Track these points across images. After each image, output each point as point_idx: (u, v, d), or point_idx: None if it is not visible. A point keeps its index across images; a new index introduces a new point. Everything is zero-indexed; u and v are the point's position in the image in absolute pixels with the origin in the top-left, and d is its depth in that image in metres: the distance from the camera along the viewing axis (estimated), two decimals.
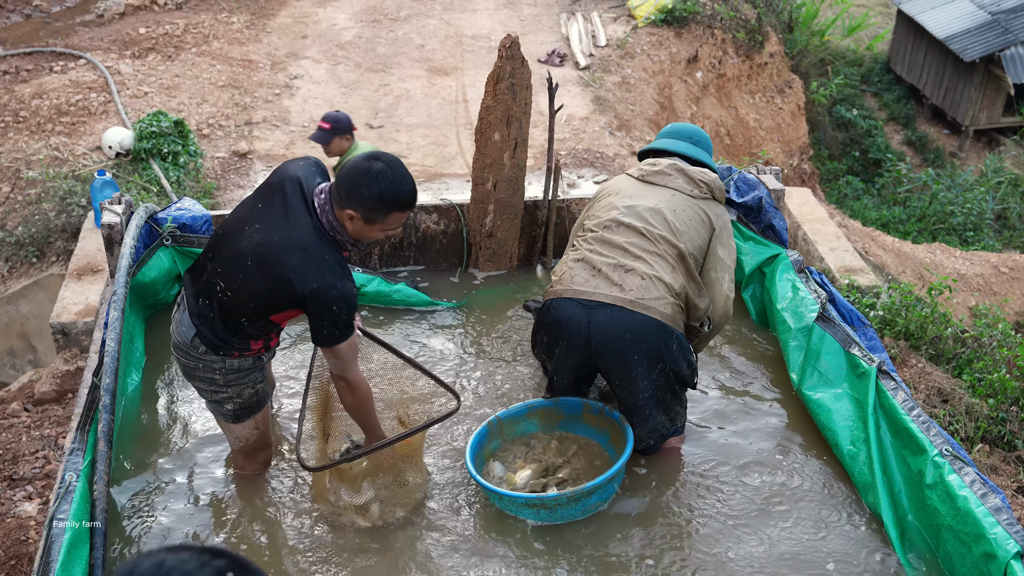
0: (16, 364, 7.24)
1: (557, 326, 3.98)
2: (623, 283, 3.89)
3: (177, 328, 3.61)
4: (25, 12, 11.65)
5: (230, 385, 3.67)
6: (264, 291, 3.37)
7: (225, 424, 3.87)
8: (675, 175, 4.18)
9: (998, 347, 5.36)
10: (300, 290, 3.29)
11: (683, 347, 3.96)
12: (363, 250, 5.65)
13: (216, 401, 3.74)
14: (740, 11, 11.87)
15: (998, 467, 4.72)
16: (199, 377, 3.66)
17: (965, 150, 16.57)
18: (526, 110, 5.44)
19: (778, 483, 4.09)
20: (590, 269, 3.98)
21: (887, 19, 19.27)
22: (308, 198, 3.44)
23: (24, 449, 4.61)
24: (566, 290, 3.97)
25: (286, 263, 3.31)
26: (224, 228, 3.54)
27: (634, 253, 3.95)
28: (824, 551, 3.74)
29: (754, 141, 11.66)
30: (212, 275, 3.47)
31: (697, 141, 4.41)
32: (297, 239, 3.34)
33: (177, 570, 1.50)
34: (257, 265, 3.35)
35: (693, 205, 4.10)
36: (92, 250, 5.65)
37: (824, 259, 5.76)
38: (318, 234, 3.37)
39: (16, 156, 7.84)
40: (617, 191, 4.25)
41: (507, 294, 5.50)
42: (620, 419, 4.06)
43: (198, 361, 3.60)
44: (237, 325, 3.50)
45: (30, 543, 4.02)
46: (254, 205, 3.50)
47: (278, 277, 3.33)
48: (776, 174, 5.53)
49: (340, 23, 11.34)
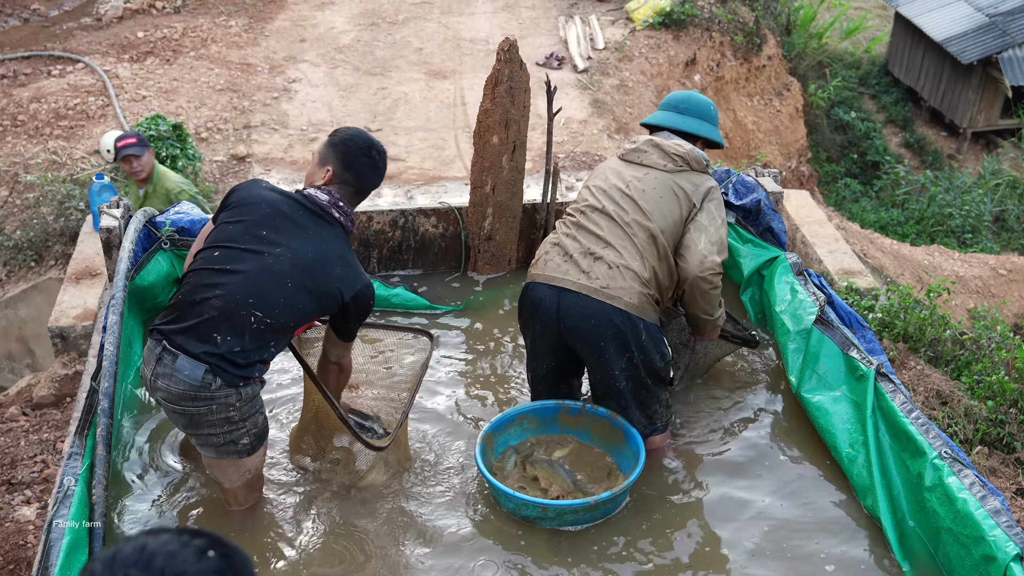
0: (15, 368, 7.24)
1: (531, 308, 4.06)
2: (591, 271, 3.92)
3: (173, 377, 3.34)
4: (23, 16, 11.65)
5: (246, 418, 3.51)
6: (310, 307, 3.44)
7: (234, 463, 3.63)
8: (650, 151, 4.15)
9: (997, 349, 5.36)
10: (347, 298, 3.45)
11: (654, 338, 3.95)
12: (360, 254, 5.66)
13: (231, 441, 3.52)
14: (738, 14, 11.88)
15: (997, 469, 4.72)
16: (211, 422, 3.44)
17: (963, 152, 16.58)
18: (524, 113, 5.44)
19: (776, 486, 4.09)
20: (563, 254, 4.03)
21: (885, 22, 19.30)
22: (309, 206, 3.48)
23: (23, 453, 4.60)
24: (540, 274, 4.05)
25: (331, 275, 3.44)
26: (218, 263, 3.39)
27: (605, 239, 3.98)
28: (823, 554, 3.73)
29: (752, 144, 11.66)
30: (234, 307, 3.32)
31: (685, 109, 4.32)
32: (334, 250, 3.47)
33: (160, 552, 1.52)
34: (298, 285, 3.39)
35: (666, 180, 4.04)
36: (90, 254, 5.65)
37: (823, 261, 5.76)
38: (343, 239, 3.51)
39: (14, 160, 7.84)
40: (598, 174, 4.29)
41: (505, 297, 5.50)
42: (609, 415, 4.10)
43: (211, 403, 3.38)
44: (267, 348, 3.44)
45: (29, 547, 4.01)
46: (256, 231, 3.42)
47: (325, 292, 3.43)
48: (774, 176, 5.54)
49: (338, 26, 11.35)
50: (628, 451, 4.03)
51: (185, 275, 3.51)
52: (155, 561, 1.51)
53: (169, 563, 1.51)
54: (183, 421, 3.48)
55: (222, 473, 3.69)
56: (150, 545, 1.53)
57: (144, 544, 1.53)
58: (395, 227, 5.67)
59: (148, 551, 1.52)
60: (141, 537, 1.55)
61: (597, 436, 4.19)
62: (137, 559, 1.51)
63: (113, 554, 1.52)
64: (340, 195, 3.54)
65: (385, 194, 7.45)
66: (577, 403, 4.20)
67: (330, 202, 3.50)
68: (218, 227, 3.50)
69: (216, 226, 3.52)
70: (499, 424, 4.10)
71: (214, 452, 3.57)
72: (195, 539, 1.55)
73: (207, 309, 3.34)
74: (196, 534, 1.57)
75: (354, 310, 3.52)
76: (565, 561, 3.70)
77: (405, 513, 3.93)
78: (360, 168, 3.56)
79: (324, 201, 3.50)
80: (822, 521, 3.90)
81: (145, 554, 1.51)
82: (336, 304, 3.47)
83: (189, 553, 1.53)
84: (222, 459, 3.60)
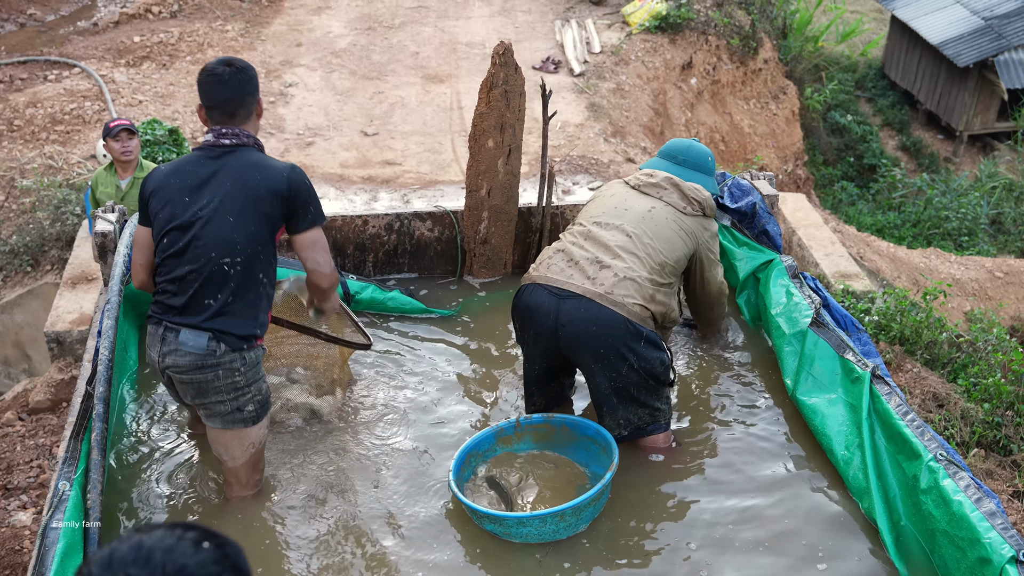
0: (11, 373, 7.23)
1: (527, 312, 4.07)
2: (596, 277, 3.97)
3: (179, 351, 3.56)
4: (20, 21, 11.65)
5: (251, 384, 3.69)
6: (261, 222, 3.55)
7: (239, 434, 3.76)
8: (670, 189, 4.31)
9: (993, 352, 5.37)
10: (282, 184, 3.55)
11: (654, 345, 4.00)
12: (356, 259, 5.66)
13: (238, 408, 3.69)
14: (734, 18, 11.90)
15: (993, 471, 4.72)
16: (219, 388, 3.63)
17: (959, 155, 16.60)
18: (520, 117, 5.44)
19: (772, 488, 4.09)
20: (568, 260, 4.06)
21: (881, 25, 19.32)
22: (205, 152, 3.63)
23: (19, 458, 4.60)
24: (540, 277, 4.07)
25: (254, 184, 3.54)
26: (174, 246, 3.56)
27: (615, 251, 4.04)
28: (819, 556, 3.73)
29: (749, 147, 11.67)
30: (208, 267, 3.51)
31: (684, 160, 4.50)
32: (242, 166, 3.58)
33: (157, 548, 1.50)
34: (239, 213, 3.53)
35: (681, 221, 4.25)
36: (86, 259, 5.64)
37: (819, 264, 5.77)
38: (248, 152, 3.63)
39: (10, 165, 7.83)
40: (611, 194, 4.39)
41: (501, 301, 5.50)
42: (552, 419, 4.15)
43: (217, 369, 3.58)
44: (256, 287, 3.61)
45: (24, 552, 4.01)
46: (181, 201, 3.57)
47: (261, 199, 3.54)
48: (770, 180, 5.54)
49: (335, 31, 11.35)
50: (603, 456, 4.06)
51: (156, 271, 3.67)
52: (154, 557, 1.49)
53: (168, 558, 1.49)
54: (192, 391, 3.66)
55: (227, 449, 3.81)
56: (146, 542, 1.51)
57: (140, 542, 1.51)
58: (391, 231, 5.67)
59: (145, 548, 1.50)
60: (134, 535, 1.53)
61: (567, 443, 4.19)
62: (135, 557, 1.49)
63: (109, 554, 1.51)
64: (218, 124, 3.64)
65: (381, 198, 7.45)
66: (511, 420, 4.15)
67: (215, 135, 3.62)
68: (154, 221, 3.63)
69: (153, 222, 3.65)
70: (456, 468, 3.93)
71: (220, 422, 3.72)
72: (188, 532, 1.54)
73: (188, 285, 3.53)
74: (188, 527, 1.55)
75: (294, 198, 3.59)
76: (559, 561, 3.70)
77: (390, 518, 3.93)
78: (208, 91, 3.62)
79: (211, 139, 3.63)
80: (818, 523, 3.90)
81: (143, 552, 1.50)
82: (278, 202, 3.56)
83: (186, 546, 1.51)
84: (228, 430, 3.74)
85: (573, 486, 4.05)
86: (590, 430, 4.11)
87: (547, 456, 4.20)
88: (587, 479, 4.07)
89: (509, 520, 3.71)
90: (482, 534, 3.82)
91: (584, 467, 4.13)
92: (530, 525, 3.69)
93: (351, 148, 8.34)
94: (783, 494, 4.06)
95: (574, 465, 4.15)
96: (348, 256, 5.67)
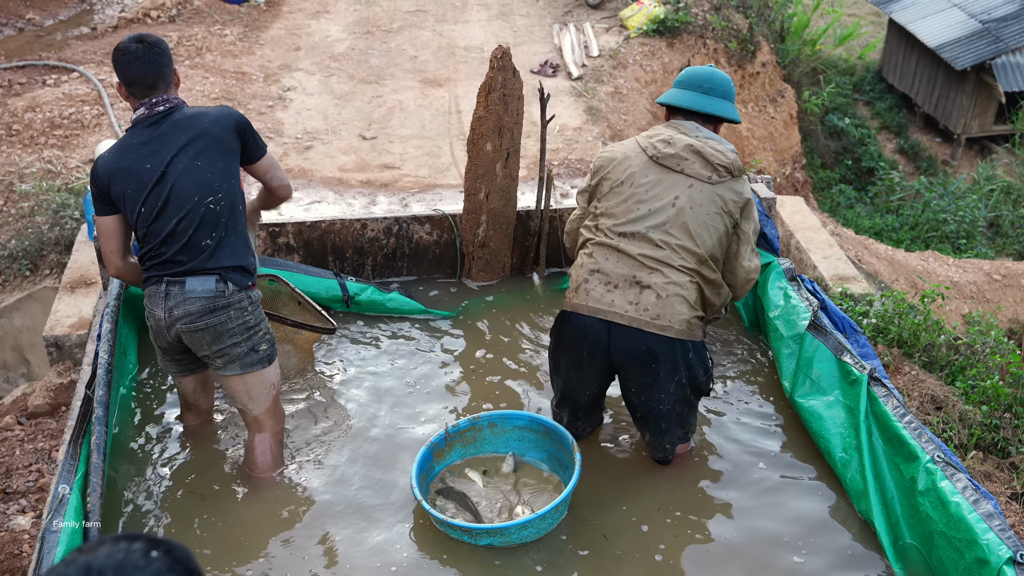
0: (10, 377, 7.22)
1: (578, 336, 3.93)
2: (639, 301, 3.82)
3: (188, 300, 3.71)
4: (18, 26, 11.66)
5: (260, 321, 3.89)
6: (225, 158, 3.75)
7: (260, 376, 3.93)
8: (691, 159, 3.89)
9: (991, 354, 5.37)
10: (229, 118, 3.78)
11: (699, 355, 3.95)
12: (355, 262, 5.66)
13: (252, 348, 3.86)
14: (732, 21, 11.91)
15: (992, 474, 4.72)
16: (233, 330, 3.79)
17: (957, 158, 16.62)
18: (518, 120, 5.45)
19: (770, 490, 4.10)
20: (605, 282, 3.89)
21: (879, 28, 19.35)
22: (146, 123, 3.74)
23: (18, 463, 4.60)
24: (583, 304, 3.91)
25: (206, 127, 3.73)
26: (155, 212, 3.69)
27: (650, 265, 3.84)
28: (816, 559, 3.74)
29: (747, 150, 11.68)
30: (195, 211, 3.68)
31: (710, 89, 4.06)
32: (188, 115, 3.76)
33: (108, 567, 1.46)
34: (204, 155, 3.71)
35: (711, 195, 3.88)
36: (85, 263, 5.64)
37: (817, 267, 5.78)
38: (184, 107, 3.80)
39: (9, 169, 7.83)
40: (629, 177, 3.95)
41: (500, 304, 5.51)
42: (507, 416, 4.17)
43: (228, 309, 3.75)
44: (241, 219, 3.82)
45: (24, 556, 4.01)
46: (142, 168, 3.69)
47: (219, 139, 3.73)
48: (768, 183, 5.55)
49: (333, 35, 11.36)
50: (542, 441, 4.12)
51: (143, 243, 3.78)
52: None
53: (121, 574, 1.45)
54: (208, 337, 3.78)
55: (250, 396, 3.96)
56: (94, 563, 1.46)
57: (87, 564, 1.46)
58: (389, 234, 5.68)
59: (95, 570, 1.45)
60: (79, 557, 1.47)
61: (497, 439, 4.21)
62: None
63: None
64: (142, 98, 3.75)
65: (380, 201, 7.46)
66: (440, 433, 4.08)
67: (147, 107, 3.73)
68: (125, 201, 3.72)
69: (123, 203, 3.73)
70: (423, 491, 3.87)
71: (240, 367, 3.86)
72: (133, 543, 1.50)
73: (181, 235, 3.69)
74: (131, 538, 1.51)
75: (245, 129, 3.84)
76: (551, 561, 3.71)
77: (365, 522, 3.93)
78: (125, 68, 3.71)
79: (143, 112, 3.74)
80: (816, 525, 3.90)
81: (93, 573, 1.45)
82: (234, 136, 3.79)
83: (136, 558, 1.47)
84: (248, 374, 3.89)
85: None
86: (521, 420, 4.14)
87: (482, 459, 4.19)
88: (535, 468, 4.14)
89: (510, 528, 3.69)
90: None
91: (521, 456, 4.17)
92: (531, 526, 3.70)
93: (349, 152, 8.35)
94: (780, 496, 4.07)
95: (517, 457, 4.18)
96: (347, 259, 5.67)
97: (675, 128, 4.04)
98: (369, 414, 4.58)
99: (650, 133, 4.04)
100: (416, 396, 4.72)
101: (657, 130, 4.05)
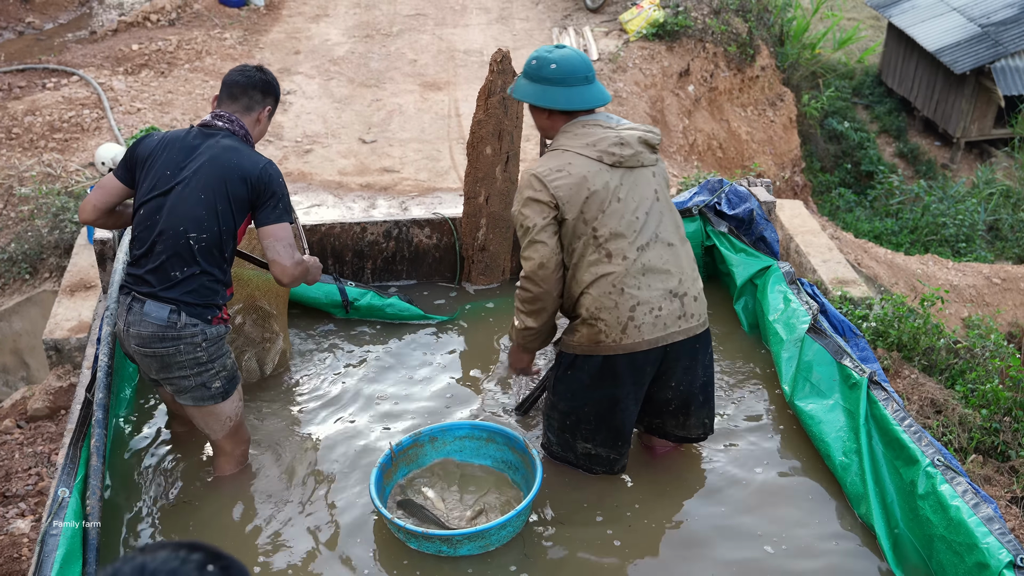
0: (9, 381, 7.22)
1: (636, 371, 3.82)
2: (683, 312, 3.84)
3: (139, 323, 3.67)
4: (18, 29, 11.67)
5: (214, 360, 3.79)
6: (228, 203, 3.69)
7: (213, 411, 3.88)
8: (643, 150, 3.79)
9: (991, 358, 5.37)
10: (254, 170, 3.70)
11: None
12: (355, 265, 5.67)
13: (202, 384, 3.79)
14: (731, 25, 11.92)
15: (992, 477, 4.72)
16: (181, 363, 3.72)
17: (957, 162, 16.62)
18: (518, 124, 5.46)
19: (769, 494, 4.09)
20: (650, 311, 3.75)
21: (878, 32, 19.36)
22: (199, 130, 3.79)
23: (17, 466, 4.59)
24: (638, 344, 3.75)
25: (228, 165, 3.69)
26: (149, 218, 3.71)
27: (674, 272, 3.83)
28: (816, 562, 3.74)
29: (746, 154, 11.69)
30: (175, 239, 3.65)
31: (591, 76, 3.83)
32: (224, 147, 3.74)
33: (161, 571, 1.47)
34: (210, 190, 3.67)
35: (662, 174, 3.90)
36: (85, 266, 5.65)
37: (816, 271, 5.78)
38: (232, 138, 3.80)
39: (9, 173, 7.84)
40: (612, 192, 3.71)
41: (499, 307, 5.51)
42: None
43: (178, 342, 3.68)
44: (220, 263, 3.74)
45: (23, 560, 4.01)
46: (163, 174, 3.73)
47: (230, 180, 3.67)
48: (767, 186, 5.56)
49: (333, 38, 11.37)
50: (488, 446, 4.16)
51: (132, 238, 3.84)
52: None
53: None
54: (156, 364, 3.75)
55: (206, 424, 3.96)
56: (149, 565, 1.47)
57: (143, 564, 1.47)
58: (389, 238, 5.68)
59: (148, 571, 1.46)
60: (138, 556, 1.49)
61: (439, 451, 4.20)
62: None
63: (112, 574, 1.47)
64: (221, 109, 3.85)
65: (380, 205, 7.46)
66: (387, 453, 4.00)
67: (213, 116, 3.82)
68: (138, 189, 3.80)
69: (137, 189, 3.82)
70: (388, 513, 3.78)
71: (191, 399, 3.83)
72: (193, 553, 1.50)
73: (157, 257, 3.67)
74: (193, 547, 1.51)
75: (263, 188, 3.72)
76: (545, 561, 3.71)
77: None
78: (228, 77, 3.88)
79: (207, 119, 3.82)
80: (816, 530, 3.90)
81: (147, 573, 1.46)
82: (245, 187, 3.69)
83: (190, 569, 1.48)
84: (201, 407, 3.86)
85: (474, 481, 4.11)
86: (462, 430, 4.17)
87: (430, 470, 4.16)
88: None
89: (491, 529, 3.65)
90: None
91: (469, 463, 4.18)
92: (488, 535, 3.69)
93: (349, 155, 8.36)
94: (780, 500, 4.07)
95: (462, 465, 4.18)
96: (347, 263, 5.67)
97: (598, 124, 3.80)
98: (368, 420, 4.58)
99: (587, 142, 3.74)
100: (416, 400, 4.72)
101: (587, 134, 3.77)
